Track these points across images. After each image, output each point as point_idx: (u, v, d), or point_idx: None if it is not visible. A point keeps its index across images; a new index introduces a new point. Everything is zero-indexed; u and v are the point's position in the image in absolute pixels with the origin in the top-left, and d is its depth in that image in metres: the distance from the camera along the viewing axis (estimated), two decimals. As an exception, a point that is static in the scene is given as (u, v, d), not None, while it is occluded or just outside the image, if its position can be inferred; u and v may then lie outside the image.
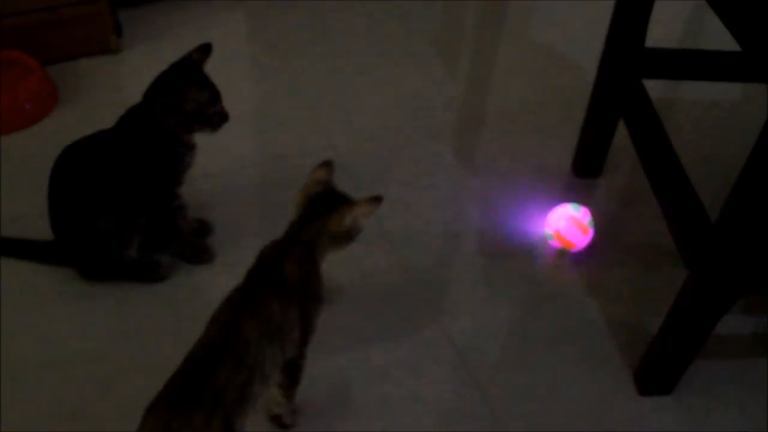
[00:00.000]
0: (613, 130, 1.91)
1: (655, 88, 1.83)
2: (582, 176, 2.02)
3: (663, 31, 2.43)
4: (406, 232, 1.87)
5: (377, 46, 2.45)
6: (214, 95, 1.57)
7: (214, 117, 1.58)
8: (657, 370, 1.55)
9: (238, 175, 1.96)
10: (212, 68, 1.60)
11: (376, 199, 1.31)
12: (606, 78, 1.83)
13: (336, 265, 1.56)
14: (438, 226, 1.90)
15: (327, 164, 1.37)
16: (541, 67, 2.43)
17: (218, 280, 1.69)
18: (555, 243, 1.80)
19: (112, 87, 2.20)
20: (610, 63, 1.79)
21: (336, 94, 2.25)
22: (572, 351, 1.64)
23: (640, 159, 1.69)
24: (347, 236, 1.34)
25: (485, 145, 2.15)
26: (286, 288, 1.28)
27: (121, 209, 1.58)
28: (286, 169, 1.97)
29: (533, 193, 1.98)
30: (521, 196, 1.97)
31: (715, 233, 1.32)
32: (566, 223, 1.78)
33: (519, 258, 1.83)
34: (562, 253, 1.82)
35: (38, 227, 1.66)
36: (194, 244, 1.72)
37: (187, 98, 1.53)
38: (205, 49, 1.57)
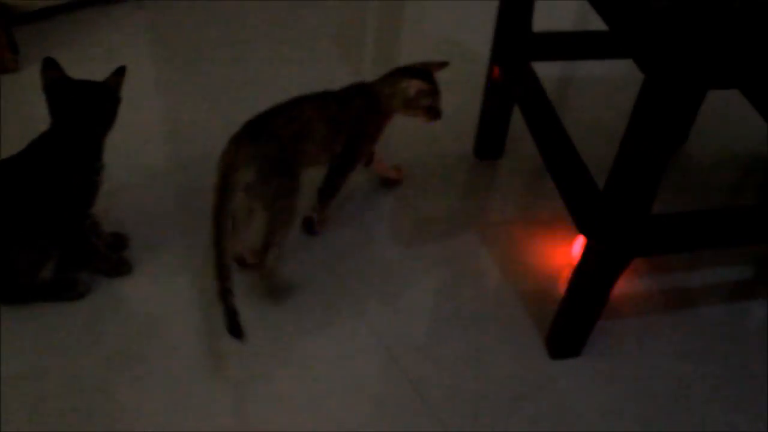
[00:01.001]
0: (510, 113, 2.01)
1: (548, 66, 1.93)
2: (484, 159, 2.11)
3: (557, 14, 2.55)
4: None
5: (280, 49, 2.50)
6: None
7: None
8: (565, 335, 1.66)
9: (151, 186, 1.97)
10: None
11: (431, 84, 1.79)
12: (497, 63, 1.92)
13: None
14: (350, 217, 1.97)
15: (443, 63, 1.83)
16: (440, 55, 2.50)
17: (139, 290, 1.72)
18: None
19: (12, 106, 2.18)
20: (500, 49, 1.89)
21: (243, 98, 2.28)
22: (488, 324, 1.74)
23: (534, 139, 1.79)
24: (406, 104, 1.79)
25: (390, 135, 2.20)
26: (346, 106, 1.74)
27: (34, 236, 1.58)
28: (198, 176, 2.00)
29: (438, 177, 2.07)
30: (428, 181, 2.06)
31: (602, 201, 1.42)
32: None
33: (431, 241, 1.91)
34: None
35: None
36: (111, 258, 1.73)
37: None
38: (120, 72, 1.62)
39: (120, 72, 1.61)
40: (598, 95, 2.41)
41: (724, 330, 1.78)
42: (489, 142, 2.09)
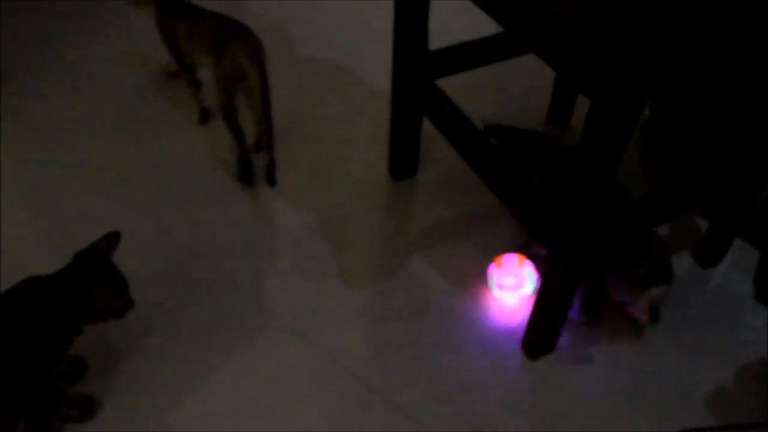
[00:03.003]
0: (419, 130, 2.04)
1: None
2: (401, 178, 2.14)
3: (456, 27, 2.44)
4: (239, 247, 1.96)
5: (146, 119, 2.32)
6: (123, 287, 1.54)
7: (122, 308, 1.55)
8: (540, 338, 1.75)
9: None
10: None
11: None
12: (400, 85, 1.94)
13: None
14: (270, 244, 2.01)
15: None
16: (334, 83, 2.47)
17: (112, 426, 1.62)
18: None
19: None
20: (401, 71, 1.90)
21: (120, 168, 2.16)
22: (458, 344, 1.80)
23: (457, 151, 1.84)
24: None
25: (297, 168, 2.18)
26: None
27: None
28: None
29: (357, 202, 2.09)
30: (346, 206, 2.08)
31: (564, 218, 1.50)
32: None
33: (378, 272, 1.94)
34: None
35: None
36: (77, 400, 1.62)
37: (96, 299, 1.50)
38: (112, 238, 1.55)
39: (112, 238, 1.55)
40: (502, 97, 2.43)
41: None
42: (403, 161, 2.11)
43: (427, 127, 1.95)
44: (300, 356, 1.75)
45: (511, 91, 2.45)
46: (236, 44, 1.96)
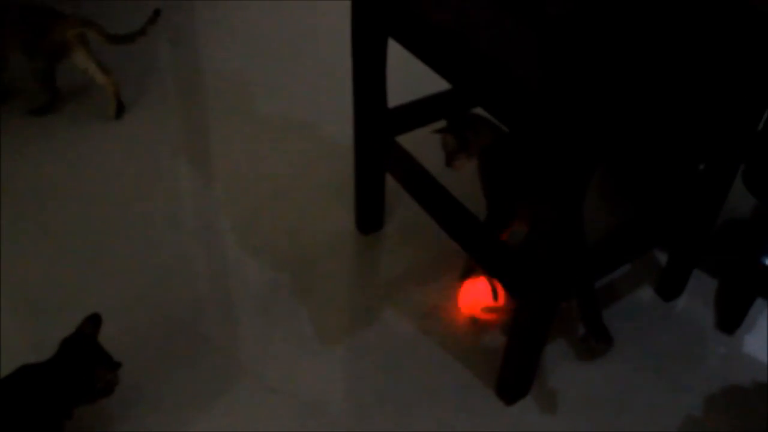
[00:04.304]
0: (383, 186, 2.09)
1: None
2: (368, 232, 2.19)
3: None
4: (211, 308, 1.99)
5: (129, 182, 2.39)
6: (113, 367, 1.59)
7: (112, 386, 1.60)
8: (513, 383, 1.79)
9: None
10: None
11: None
12: (362, 144, 1.99)
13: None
14: (243, 303, 2.02)
15: None
16: (295, 138, 2.52)
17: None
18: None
19: None
20: (362, 131, 1.96)
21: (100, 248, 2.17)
22: (434, 395, 1.83)
23: (420, 205, 1.88)
24: None
25: (263, 227, 2.22)
26: None
27: None
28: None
29: (326, 258, 2.12)
30: (316, 262, 2.11)
31: (532, 272, 1.55)
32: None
33: (352, 328, 1.97)
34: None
35: None
36: None
37: (89, 382, 1.55)
38: (95, 321, 1.59)
39: (94, 320, 1.59)
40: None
41: (635, 320, 2.00)
42: (369, 216, 2.16)
43: (391, 179, 2.00)
44: (280, 413, 1.77)
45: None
46: (58, 24, 2.35)
